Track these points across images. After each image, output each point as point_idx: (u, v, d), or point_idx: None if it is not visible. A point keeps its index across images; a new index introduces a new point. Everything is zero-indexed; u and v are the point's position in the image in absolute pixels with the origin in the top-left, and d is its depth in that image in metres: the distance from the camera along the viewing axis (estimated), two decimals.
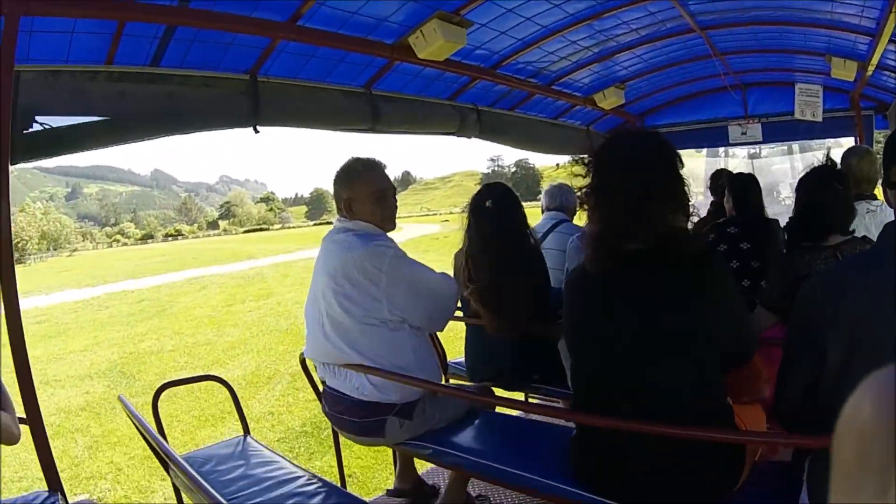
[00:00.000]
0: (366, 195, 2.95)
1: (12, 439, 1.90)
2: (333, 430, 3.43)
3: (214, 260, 37.15)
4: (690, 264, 1.94)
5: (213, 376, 3.64)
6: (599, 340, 2.11)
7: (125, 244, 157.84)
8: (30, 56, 3.07)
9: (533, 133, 6.57)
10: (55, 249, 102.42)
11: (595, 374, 2.16)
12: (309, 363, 3.35)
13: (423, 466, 3.91)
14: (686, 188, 2.08)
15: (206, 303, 16.82)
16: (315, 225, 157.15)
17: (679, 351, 1.94)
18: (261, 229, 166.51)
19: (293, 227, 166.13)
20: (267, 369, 8.67)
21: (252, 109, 3.87)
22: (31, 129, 3.15)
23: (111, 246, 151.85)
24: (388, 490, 3.75)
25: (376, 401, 2.84)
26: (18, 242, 76.23)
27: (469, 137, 5.66)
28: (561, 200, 4.53)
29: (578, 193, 2.18)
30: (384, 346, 2.82)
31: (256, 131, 3.95)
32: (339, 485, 3.35)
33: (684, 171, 2.09)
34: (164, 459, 2.95)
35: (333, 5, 3.50)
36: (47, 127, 3.21)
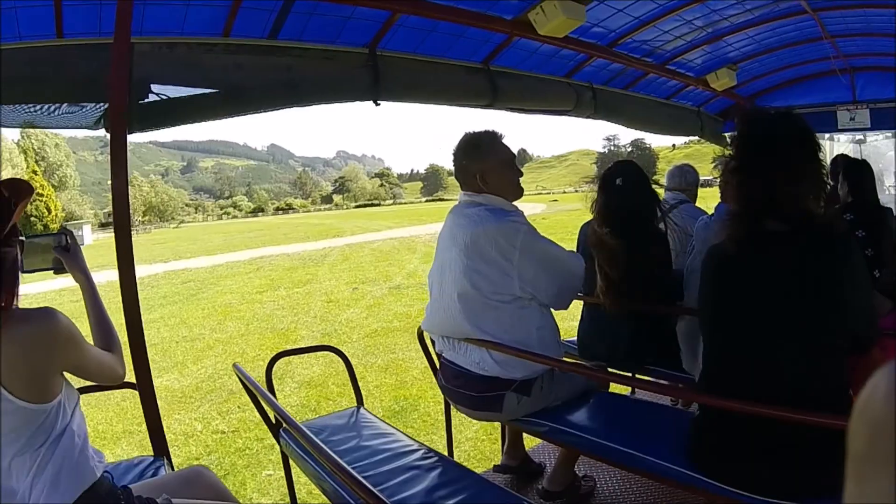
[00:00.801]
0: (499, 165, 2.95)
1: (117, 378, 2.00)
2: (446, 403, 3.47)
3: (302, 237, 37.47)
4: (827, 248, 1.89)
5: (330, 347, 3.70)
6: (734, 321, 2.08)
7: (235, 217, 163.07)
8: (144, 27, 3.15)
9: (646, 113, 6.49)
10: (162, 221, 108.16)
11: (727, 356, 2.13)
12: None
13: (529, 444, 3.87)
14: (824, 172, 2.03)
15: (241, 288, 16.58)
16: (427, 201, 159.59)
17: (811, 335, 1.91)
18: (371, 205, 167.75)
19: (404, 203, 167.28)
20: (209, 382, 7.68)
21: (372, 83, 3.90)
22: (146, 100, 3.26)
23: (220, 218, 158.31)
24: (495, 466, 3.74)
25: (496, 376, 2.84)
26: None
27: (584, 116, 5.63)
28: (682, 181, 4.51)
29: (719, 173, 2.16)
30: (510, 322, 2.80)
31: (377, 104, 3.98)
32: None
33: None
34: (277, 425, 3.02)
35: None
36: (163, 97, 3.31)
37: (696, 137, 7.80)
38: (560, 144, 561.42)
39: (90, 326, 2.06)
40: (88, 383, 2.01)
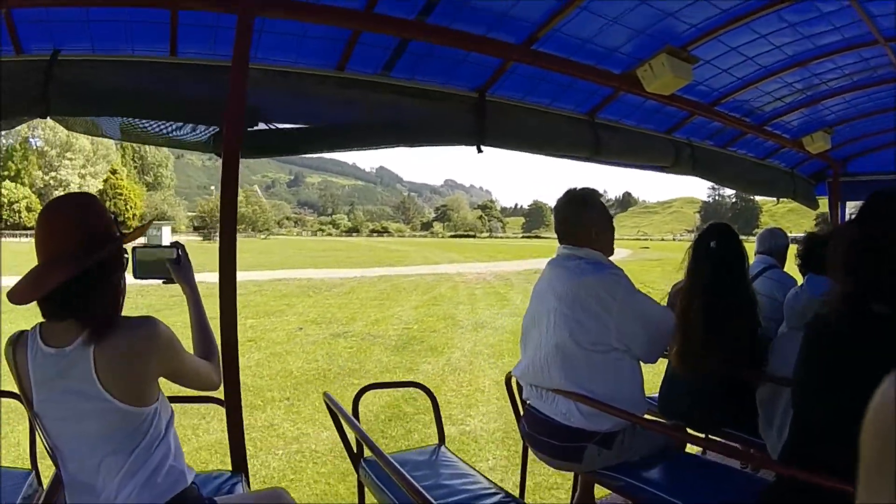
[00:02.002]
0: (605, 222, 3.05)
1: (212, 386, 2.11)
2: (524, 448, 3.52)
3: (358, 262, 37.98)
4: None
5: (416, 383, 3.75)
6: (829, 397, 2.03)
7: (329, 234, 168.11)
8: (258, 54, 3.23)
9: (741, 172, 6.43)
10: (254, 231, 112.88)
11: (817, 430, 2.08)
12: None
13: (599, 494, 3.87)
14: None
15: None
16: (523, 237, 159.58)
17: None
18: (467, 236, 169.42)
19: (499, 237, 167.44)
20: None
21: (478, 127, 3.94)
22: (255, 127, 3.31)
23: (315, 234, 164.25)
24: None
25: (581, 427, 2.86)
26: (211, 221, 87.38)
27: (682, 173, 5.63)
28: (772, 246, 4.44)
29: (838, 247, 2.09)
30: (603, 373, 2.85)
31: (480, 150, 4.00)
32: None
33: None
34: (358, 455, 3.10)
35: (568, 31, 3.54)
36: (273, 126, 3.35)
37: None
38: (665, 190, 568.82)
39: (192, 335, 2.18)
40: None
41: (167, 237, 70.71)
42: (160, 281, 2.27)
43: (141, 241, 2.48)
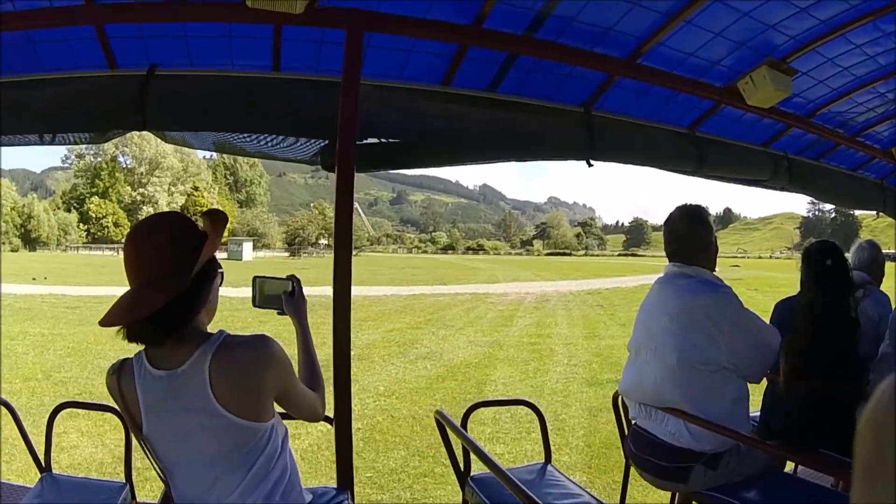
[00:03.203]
0: (713, 241, 3.05)
1: (316, 417, 2.12)
2: (626, 468, 3.52)
3: (423, 279, 39.19)
4: None
5: (524, 401, 3.77)
6: None
7: (425, 251, 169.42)
8: (364, 70, 3.17)
9: (834, 185, 6.32)
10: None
11: None
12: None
13: None
14: None
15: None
16: (619, 255, 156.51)
17: None
18: (563, 253, 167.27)
19: (595, 255, 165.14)
20: None
21: (587, 142, 3.91)
22: (363, 141, 3.29)
23: (410, 252, 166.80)
24: None
25: (689, 447, 2.83)
26: (296, 238, 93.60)
27: (777, 188, 5.54)
28: (871, 262, 4.34)
29: None
30: (712, 391, 2.81)
31: (590, 164, 3.98)
32: None
33: None
34: (465, 473, 3.13)
35: (672, 45, 3.51)
36: (382, 140, 3.33)
37: None
38: (765, 206, 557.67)
39: (299, 366, 2.17)
40: None
41: (248, 253, 74.52)
42: (276, 311, 2.30)
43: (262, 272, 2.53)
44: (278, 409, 1.91)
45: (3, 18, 3.22)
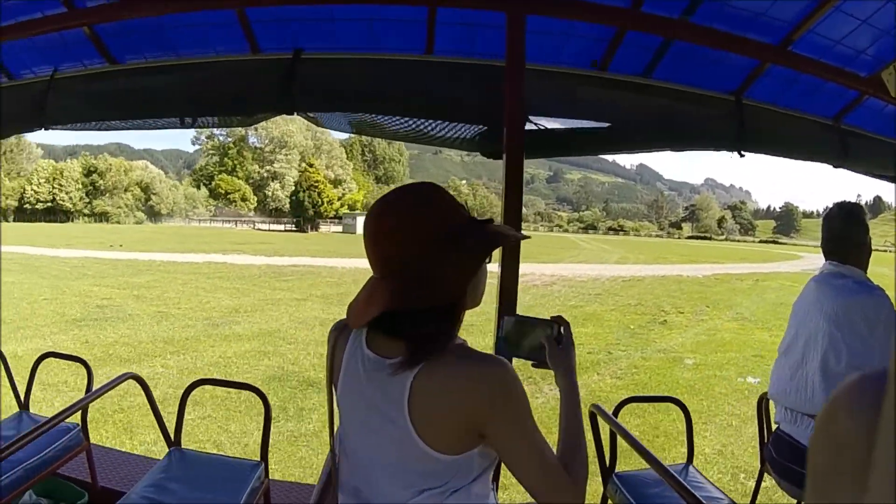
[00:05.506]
0: (868, 241, 3.00)
1: (552, 496, 1.52)
2: (760, 472, 3.48)
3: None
4: None
5: (672, 398, 3.67)
6: None
7: (566, 231, 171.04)
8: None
9: None
10: None
11: None
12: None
13: None
14: None
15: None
16: (760, 242, 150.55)
17: None
18: (702, 237, 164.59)
19: (735, 241, 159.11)
20: None
21: (738, 133, 3.81)
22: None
23: (551, 230, 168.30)
24: None
25: None
26: None
27: None
28: None
29: None
30: None
31: (742, 156, 3.90)
32: None
33: None
34: (609, 471, 3.10)
35: (820, 32, 3.41)
36: (540, 127, 3.30)
37: None
38: None
39: (558, 432, 1.65)
40: None
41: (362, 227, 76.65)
42: (529, 362, 1.80)
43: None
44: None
45: (142, 5, 3.28)
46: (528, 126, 3.28)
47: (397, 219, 1.48)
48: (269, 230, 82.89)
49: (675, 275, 31.27)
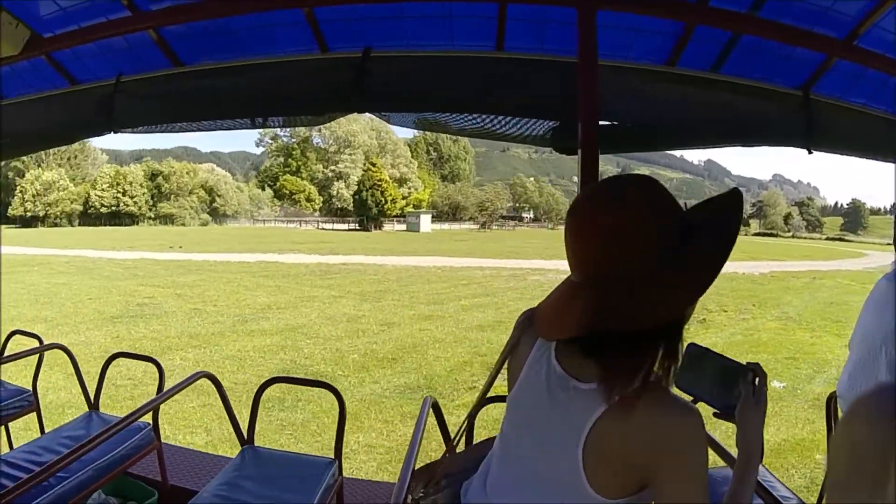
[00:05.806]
0: None
1: None
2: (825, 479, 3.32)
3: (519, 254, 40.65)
4: None
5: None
6: None
7: None
8: None
9: None
10: (548, 221, 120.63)
11: None
12: None
13: None
14: None
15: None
16: (826, 240, 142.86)
17: None
18: (768, 234, 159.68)
19: (801, 238, 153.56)
20: None
21: (805, 129, 3.76)
22: None
23: None
24: None
25: None
26: (488, 208, 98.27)
27: None
28: None
29: None
30: None
31: (810, 153, 3.84)
32: None
33: None
34: None
35: (885, 26, 3.34)
36: (612, 123, 3.31)
37: None
38: None
39: (726, 497, 1.41)
40: None
41: (426, 224, 78.57)
42: (708, 406, 1.49)
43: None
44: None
45: (208, 7, 3.33)
46: (602, 122, 3.26)
47: (619, 213, 1.29)
48: (332, 229, 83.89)
49: (730, 272, 30.50)
